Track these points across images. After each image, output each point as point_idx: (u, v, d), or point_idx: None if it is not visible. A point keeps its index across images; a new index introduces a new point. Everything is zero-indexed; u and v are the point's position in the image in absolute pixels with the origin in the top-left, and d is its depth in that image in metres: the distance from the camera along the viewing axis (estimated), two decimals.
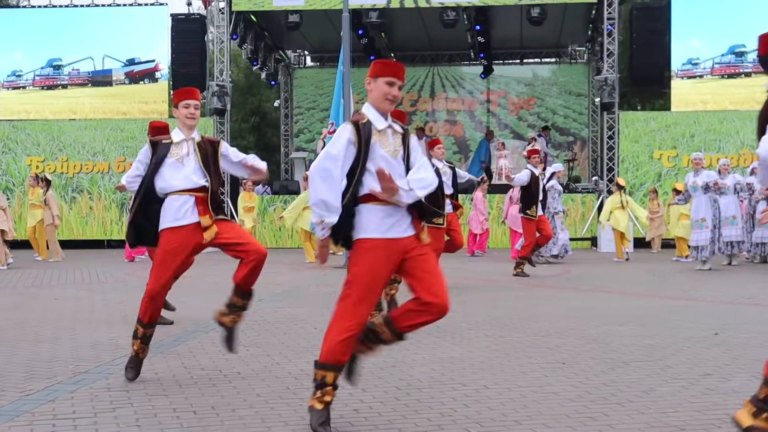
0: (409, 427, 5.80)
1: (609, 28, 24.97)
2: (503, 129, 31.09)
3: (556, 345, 8.88)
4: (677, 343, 8.91)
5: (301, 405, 6.36)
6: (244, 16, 26.54)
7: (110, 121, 25.46)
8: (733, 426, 5.62)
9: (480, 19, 27.24)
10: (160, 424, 5.88)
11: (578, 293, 13.78)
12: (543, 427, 5.77)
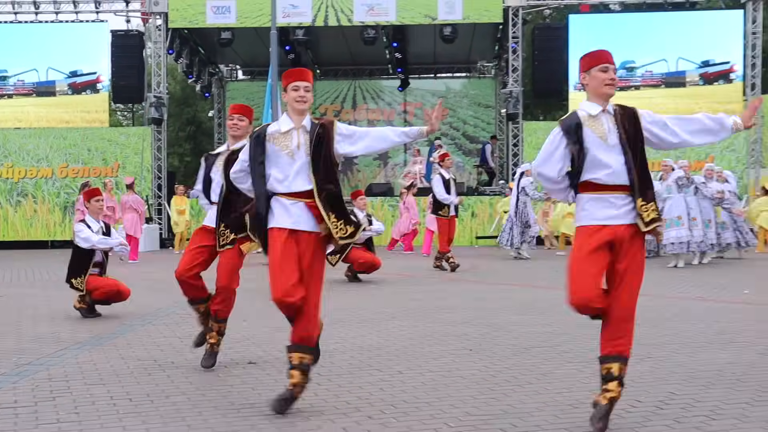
0: (329, 410, 5.82)
1: (513, 46, 25.24)
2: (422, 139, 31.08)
3: (464, 333, 8.96)
4: (572, 330, 9.02)
5: (230, 392, 6.37)
6: (180, 32, 26.38)
7: (53, 130, 25.08)
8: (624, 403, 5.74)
9: (397, 37, 27.35)
10: (98, 411, 5.84)
11: (485, 286, 13.89)
12: (451, 408, 5.83)
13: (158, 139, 25.32)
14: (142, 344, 8.46)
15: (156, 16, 25.29)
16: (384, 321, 9.96)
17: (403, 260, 19.75)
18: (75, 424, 5.54)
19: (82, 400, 6.14)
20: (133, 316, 10.47)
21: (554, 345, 8.19)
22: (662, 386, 6.41)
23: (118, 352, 8.02)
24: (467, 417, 5.60)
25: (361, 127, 6.21)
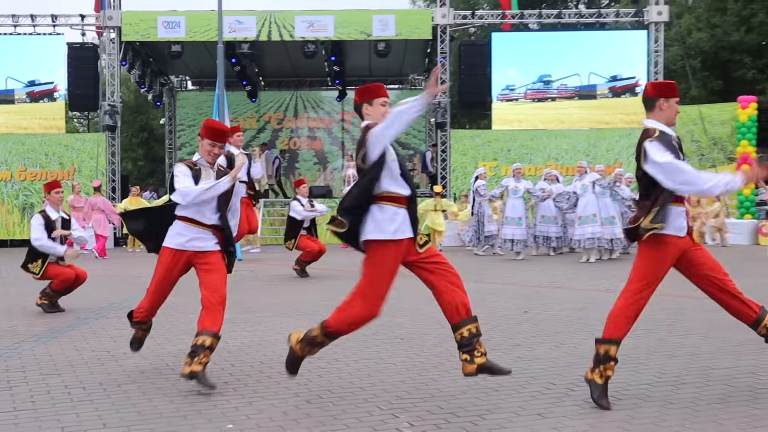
0: (270, 395, 5.83)
1: (442, 60, 25.35)
2: (355, 144, 31.06)
3: (396, 323, 9.00)
4: (494, 320, 9.12)
5: (177, 379, 6.33)
6: (133, 45, 26.15)
7: (12, 136, 24.68)
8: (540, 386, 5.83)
9: (335, 51, 27.39)
10: (53, 400, 5.79)
11: (415, 280, 13.94)
12: (383, 392, 5.87)
13: (112, 145, 25.07)
14: (95, 336, 8.39)
15: (110, 30, 25.04)
16: (322, 313, 9.95)
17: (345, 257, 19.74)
18: (31, 412, 5.48)
19: (37, 390, 6.08)
20: (87, 309, 10.36)
21: None
22: (573, 370, 6.51)
23: (73, 344, 7.94)
24: (398, 400, 5.64)
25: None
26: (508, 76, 25.90)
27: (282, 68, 30.65)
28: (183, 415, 5.32)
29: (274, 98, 32.74)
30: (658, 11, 24.99)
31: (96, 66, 25.31)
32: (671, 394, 5.75)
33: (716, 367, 6.63)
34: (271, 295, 12.03)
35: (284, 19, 24.98)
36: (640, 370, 6.51)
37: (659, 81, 5.95)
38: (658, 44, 25.21)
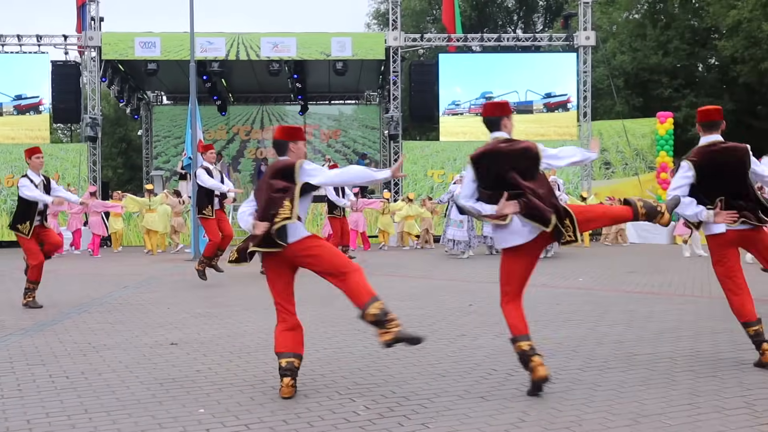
0: (238, 382, 5.80)
1: (394, 78, 25.42)
2: (317, 153, 31.17)
3: (353, 316, 8.98)
4: (442, 313, 9.16)
5: (154, 368, 6.28)
6: (112, 63, 25.94)
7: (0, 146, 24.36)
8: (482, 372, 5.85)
9: (297, 70, 27.36)
10: (38, 388, 5.72)
11: (373, 276, 13.94)
12: (342, 378, 5.87)
13: (93, 154, 24.81)
14: (78, 329, 8.28)
15: (91, 49, 24.80)
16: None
17: None
18: (18, 399, 5.40)
19: (24, 379, 5.99)
20: (70, 304, 10.23)
21: (427, 325, 8.28)
22: (512, 358, 6.51)
23: (57, 337, 7.83)
24: (355, 386, 5.64)
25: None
26: (453, 93, 26.01)
27: (249, 85, 30.56)
28: (159, 401, 5.27)
29: (242, 112, 32.61)
30: (586, 36, 25.28)
31: (78, 82, 25.05)
32: (598, 378, 5.81)
33: (638, 353, 6.70)
34: (239, 290, 11.97)
35: (251, 41, 24.94)
36: (572, 357, 6.57)
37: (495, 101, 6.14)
38: (587, 65, 25.49)
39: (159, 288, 12.29)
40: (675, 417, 4.81)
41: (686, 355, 6.62)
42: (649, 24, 36.27)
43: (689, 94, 34.26)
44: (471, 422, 4.73)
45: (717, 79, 35.92)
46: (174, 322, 8.74)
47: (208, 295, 11.26)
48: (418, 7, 42.23)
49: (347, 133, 32.65)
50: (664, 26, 35.79)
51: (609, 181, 26.49)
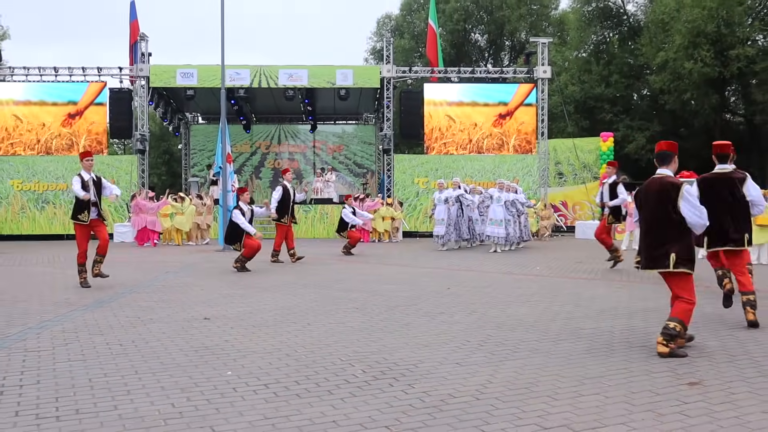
0: (259, 351, 5.80)
1: (387, 103, 25.42)
2: (324, 164, 31.17)
3: (353, 297, 9.00)
4: (425, 294, 9.17)
5: (191, 338, 6.28)
6: (158, 90, 25.85)
7: (67, 157, 24.24)
8: (458, 343, 5.85)
9: (308, 95, 27.33)
10: (97, 353, 5.73)
11: (368, 265, 13.97)
12: (343, 348, 5.87)
13: (142, 164, 24.73)
14: (129, 306, 8.27)
15: (141, 79, 24.73)
16: (299, 288, 9.93)
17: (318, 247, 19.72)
18: (81, 362, 5.41)
19: (86, 346, 6.00)
20: (123, 286, 10.21)
21: (413, 304, 8.30)
22: (483, 331, 6.57)
23: (113, 312, 7.83)
24: (354, 353, 5.65)
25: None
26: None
27: (269, 108, 30.53)
28: (195, 365, 5.28)
29: (264, 130, 32.53)
30: (543, 70, 25.28)
31: (130, 105, 24.98)
32: (552, 348, 5.83)
33: (583, 328, 6.73)
34: (258, 276, 11.96)
35: (271, 72, 24.91)
36: (530, 331, 6.59)
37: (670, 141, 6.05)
38: (544, 94, 25.48)
39: (194, 273, 12.27)
40: (613, 379, 4.84)
41: (622, 330, 6.65)
42: (594, 61, 36.39)
43: (626, 118, 34.43)
44: (448, 383, 4.75)
45: (648, 106, 36.02)
46: (206, 301, 8.74)
47: (233, 280, 11.25)
48: (407, 45, 42.23)
49: (349, 148, 32.64)
50: (606, 63, 35.90)
51: (561, 188, 26.52)
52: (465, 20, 42.52)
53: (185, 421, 3.98)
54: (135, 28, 25.19)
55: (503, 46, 45.09)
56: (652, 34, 31.88)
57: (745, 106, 33.16)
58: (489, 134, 25.54)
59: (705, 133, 34.25)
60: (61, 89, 24.71)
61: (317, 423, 3.95)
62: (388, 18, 46.65)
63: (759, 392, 4.54)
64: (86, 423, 3.97)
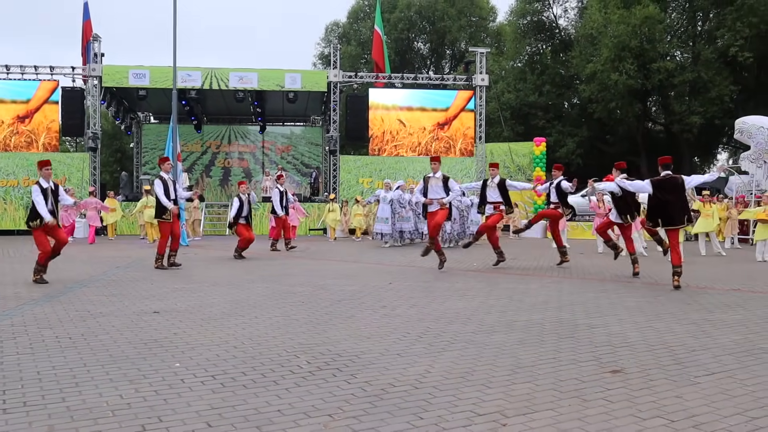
0: (207, 343, 5.71)
1: (334, 106, 25.36)
2: (272, 164, 30.86)
3: (299, 291, 8.94)
4: (368, 289, 9.16)
5: (140, 331, 6.14)
6: (110, 89, 25.28)
7: (19, 154, 23.46)
8: (399, 335, 5.85)
9: (258, 98, 27.11)
10: (46, 346, 5.55)
11: (314, 261, 13.91)
12: (289, 339, 5.82)
13: (94, 162, 24.12)
14: (79, 300, 8.05)
15: (93, 78, 24.12)
16: (246, 283, 9.82)
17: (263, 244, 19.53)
18: (29, 355, 5.24)
19: (35, 339, 5.81)
20: (73, 281, 9.94)
21: (357, 298, 8.28)
22: (422, 323, 6.59)
23: (62, 306, 7.60)
24: (299, 345, 5.61)
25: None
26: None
27: (219, 109, 30.11)
28: (143, 357, 5.16)
29: (214, 130, 32.04)
30: (481, 78, 25.58)
31: (83, 103, 24.37)
32: (486, 339, 5.89)
33: (516, 320, 6.82)
34: (209, 270, 11.79)
35: (222, 74, 24.59)
36: (466, 323, 6.64)
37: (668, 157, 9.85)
38: (482, 100, 25.79)
39: (144, 268, 12.02)
40: (542, 368, 4.92)
41: (552, 322, 6.76)
42: (528, 71, 36.97)
43: (557, 125, 35.09)
44: (389, 373, 4.75)
45: (578, 114, 36.77)
46: (156, 295, 8.57)
47: (184, 275, 11.06)
48: (354, 52, 42.17)
49: (297, 149, 32.40)
50: (539, 73, 36.49)
51: None
52: (409, 29, 42.72)
53: (133, 412, 3.89)
54: (88, 28, 24.57)
55: (444, 54, 45.43)
56: (581, 48, 32.56)
57: (665, 116, 34.13)
58: (437, 137, 25.72)
59: (629, 140, 35.22)
60: (15, 86, 23.94)
61: (262, 412, 3.90)
62: (335, 25, 46.49)
63: (674, 379, 4.67)
64: (34, 415, 3.84)
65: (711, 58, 29.55)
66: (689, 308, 7.69)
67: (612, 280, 10.53)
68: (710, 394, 4.32)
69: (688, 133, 31.23)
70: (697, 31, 32.70)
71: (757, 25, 27.91)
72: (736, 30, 28.14)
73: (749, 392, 4.38)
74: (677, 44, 32.28)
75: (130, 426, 3.66)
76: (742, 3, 27.66)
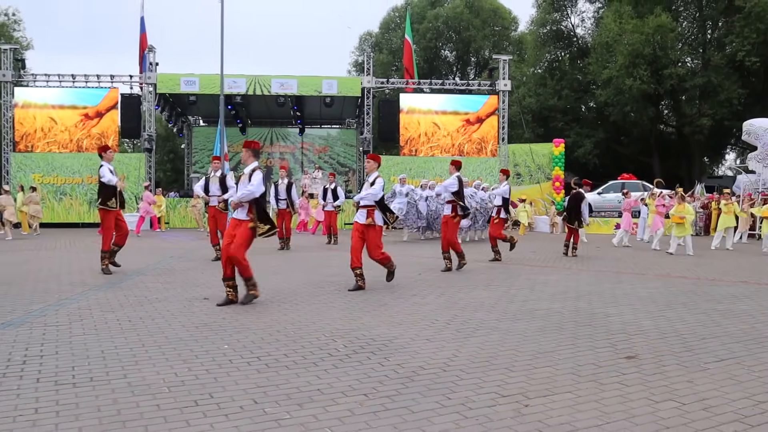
0: (253, 328, 5.76)
1: (367, 110, 25.36)
2: (310, 164, 30.99)
3: (336, 281, 8.92)
4: (398, 279, 9.08)
5: (192, 315, 6.20)
6: (164, 95, 25.64)
7: (83, 154, 23.90)
8: (428, 321, 5.84)
9: (298, 102, 27.25)
10: (109, 328, 5.67)
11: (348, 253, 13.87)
12: (327, 325, 5.83)
13: (149, 161, 24.48)
14: (137, 287, 8.18)
15: (149, 85, 24.44)
16: (287, 273, 9.88)
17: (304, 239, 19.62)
18: (94, 335, 5.35)
19: (99, 321, 5.93)
20: (132, 270, 10.09)
21: (389, 288, 8.26)
22: (450, 311, 6.56)
23: (123, 292, 7.74)
24: (337, 330, 5.64)
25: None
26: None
27: (262, 113, 30.34)
28: (195, 339, 5.24)
29: (257, 132, 32.27)
30: (504, 83, 25.35)
31: (139, 108, 24.73)
32: (509, 326, 5.86)
33: (537, 309, 6.78)
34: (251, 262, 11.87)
35: (264, 81, 24.73)
36: (491, 311, 6.62)
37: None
38: (505, 104, 25.56)
39: (195, 258, 12.17)
40: (562, 354, 4.88)
41: (570, 311, 6.71)
42: (548, 77, 36.57)
43: (575, 127, 34.69)
44: (419, 357, 4.76)
45: (595, 117, 36.31)
46: (206, 282, 8.67)
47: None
48: (385, 59, 42.11)
49: (333, 149, 32.50)
50: (558, 78, 36.08)
51: (520, 187, 26.55)
52: (436, 38, 42.53)
53: (187, 388, 3.95)
54: (144, 41, 24.90)
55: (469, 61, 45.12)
56: (598, 55, 32.10)
57: (676, 118, 33.53)
58: (470, 139, 25.62)
59: (642, 141, 34.66)
60: (85, 94, 24.44)
61: (303, 391, 3.94)
62: (369, 35, 46.48)
63: (685, 364, 4.60)
64: (99, 389, 3.93)
65: (720, 63, 28.98)
66: (699, 299, 7.56)
67: (627, 272, 10.39)
68: (719, 379, 4.25)
69: (699, 135, 30.70)
70: (706, 39, 32.06)
71: (764, 32, 27.23)
72: (744, 37, 27.57)
73: (756, 377, 4.31)
74: (688, 51, 31.71)
75: (185, 401, 3.72)
76: (749, 11, 27.02)
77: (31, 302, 6.92)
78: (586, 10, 44.77)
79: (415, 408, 3.64)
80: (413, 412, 3.57)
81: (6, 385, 4.01)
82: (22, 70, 25.04)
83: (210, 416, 3.49)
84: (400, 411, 3.59)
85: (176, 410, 3.58)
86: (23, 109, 23.96)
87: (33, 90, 24.35)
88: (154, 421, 3.42)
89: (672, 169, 33.66)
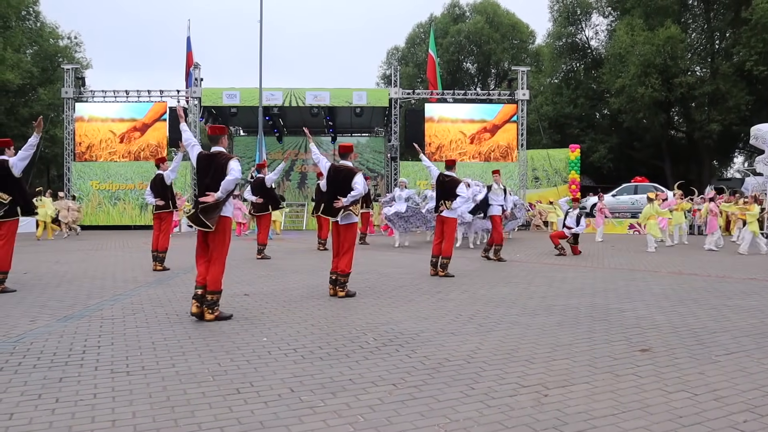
0: (290, 322, 5.77)
1: (395, 119, 25.37)
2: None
3: (365, 278, 8.91)
4: (424, 277, 9.06)
5: (234, 310, 6.25)
6: (207, 108, 25.96)
7: (135, 163, 24.36)
8: (452, 316, 5.79)
9: (330, 113, 27.33)
10: (159, 321, 5.75)
11: (377, 252, 13.90)
12: (357, 320, 5.82)
13: (193, 169, 24.86)
14: (184, 284, 8.29)
15: (194, 99, 24.83)
16: (320, 271, 9.91)
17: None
18: (146, 328, 5.43)
19: (150, 315, 6.01)
20: (178, 268, 10.24)
21: (415, 285, 8.22)
22: (473, 307, 6.52)
23: (171, 288, 7.85)
24: (367, 324, 5.63)
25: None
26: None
27: (297, 122, 30.38)
28: (236, 332, 5.28)
29: (293, 141, 32.46)
30: (523, 93, 25.14)
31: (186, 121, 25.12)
32: (529, 321, 5.81)
33: (555, 304, 6.70)
34: (287, 261, 11.96)
35: (299, 93, 24.96)
36: (511, 307, 6.56)
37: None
38: (523, 112, 25.33)
39: (236, 258, 12.29)
40: (579, 347, 4.82)
41: (587, 306, 6.62)
42: (564, 86, 36.20)
43: (590, 133, 34.29)
44: (444, 349, 4.73)
45: (609, 123, 35.80)
46: (246, 280, 8.75)
47: (267, 263, 11.26)
48: (411, 72, 42.10)
49: (362, 156, 32.51)
50: (574, 88, 35.70)
51: (538, 190, 26.36)
52: (458, 52, 42.40)
53: (229, 378, 3.99)
54: (190, 58, 25.24)
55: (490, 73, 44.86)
56: (611, 65, 31.67)
57: (687, 124, 32.94)
58: (497, 146, 25.48)
59: (654, 146, 34.09)
60: (137, 108, 24.95)
61: (336, 381, 3.94)
62: (395, 49, 46.52)
63: (697, 357, 4.51)
64: (150, 377, 3.98)
65: (728, 72, 28.42)
66: (710, 295, 7.40)
67: (640, 270, 10.23)
68: (730, 371, 4.15)
69: (708, 140, 30.13)
70: (715, 49, 31.43)
71: None
72: (750, 46, 26.99)
73: (765, 369, 4.20)
74: (697, 60, 31.14)
75: (227, 389, 3.76)
76: (755, 23, 26.42)
77: (89, 298, 7.06)
78: (600, 23, 44.32)
79: (441, 397, 3.62)
80: (439, 401, 3.55)
81: (68, 372, 4.10)
82: (82, 87, 25.57)
83: (250, 403, 3.52)
84: (426, 400, 3.58)
85: (220, 397, 3.61)
86: (85, 122, 24.52)
87: (91, 105, 24.89)
88: (199, 407, 3.45)
89: (683, 172, 33.06)
